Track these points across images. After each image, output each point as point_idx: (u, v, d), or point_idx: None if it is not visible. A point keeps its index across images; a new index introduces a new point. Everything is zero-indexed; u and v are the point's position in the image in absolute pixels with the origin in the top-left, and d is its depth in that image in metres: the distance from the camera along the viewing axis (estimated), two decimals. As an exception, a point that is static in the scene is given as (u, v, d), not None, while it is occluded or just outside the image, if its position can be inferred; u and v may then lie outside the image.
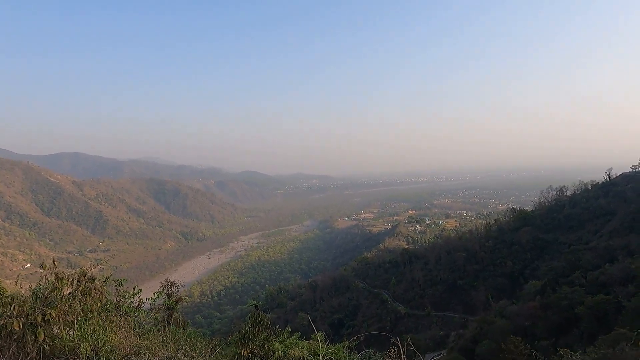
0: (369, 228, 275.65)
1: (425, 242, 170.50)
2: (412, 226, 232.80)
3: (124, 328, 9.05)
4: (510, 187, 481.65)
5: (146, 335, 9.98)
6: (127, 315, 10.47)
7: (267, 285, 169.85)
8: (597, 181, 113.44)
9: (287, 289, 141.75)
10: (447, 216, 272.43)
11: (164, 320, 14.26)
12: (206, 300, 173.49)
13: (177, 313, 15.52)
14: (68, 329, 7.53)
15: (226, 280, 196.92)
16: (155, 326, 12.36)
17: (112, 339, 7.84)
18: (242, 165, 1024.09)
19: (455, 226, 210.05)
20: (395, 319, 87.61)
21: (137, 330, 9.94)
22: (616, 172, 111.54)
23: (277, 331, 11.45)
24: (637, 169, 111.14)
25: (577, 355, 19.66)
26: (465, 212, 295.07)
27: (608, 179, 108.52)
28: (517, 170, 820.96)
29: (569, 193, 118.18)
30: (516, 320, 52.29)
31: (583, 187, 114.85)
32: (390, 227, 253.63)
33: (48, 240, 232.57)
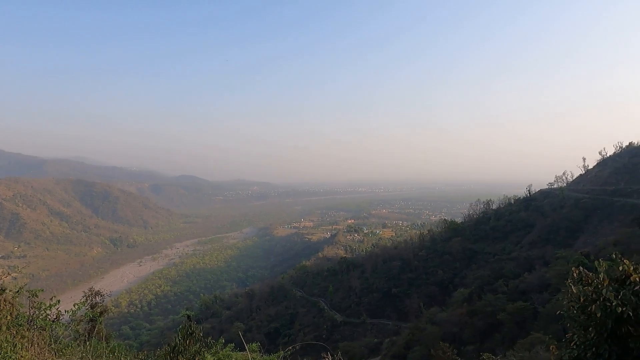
0: (309, 236, 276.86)
1: (362, 251, 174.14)
2: (350, 235, 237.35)
3: (38, 343, 8.26)
4: (443, 200, 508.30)
5: (63, 350, 9.20)
6: (42, 330, 9.56)
7: (202, 294, 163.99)
8: (519, 196, 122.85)
9: (223, 297, 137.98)
10: (384, 226, 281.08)
11: (85, 333, 13.23)
12: (135, 310, 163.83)
13: (100, 325, 14.49)
14: (-31, 346, 6.73)
15: (158, 289, 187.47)
16: (75, 340, 11.43)
17: (22, 356, 7.11)
18: (180, 169, 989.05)
19: (392, 236, 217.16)
20: (332, 327, 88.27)
21: (53, 345, 9.11)
22: (535, 188, 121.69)
23: (210, 343, 11.03)
24: (552, 186, 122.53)
25: (498, 359, 21.03)
26: (401, 222, 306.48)
27: (528, 194, 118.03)
28: (449, 184, 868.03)
29: (494, 206, 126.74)
30: (445, 327, 54.86)
31: (507, 201, 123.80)
32: (330, 235, 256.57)
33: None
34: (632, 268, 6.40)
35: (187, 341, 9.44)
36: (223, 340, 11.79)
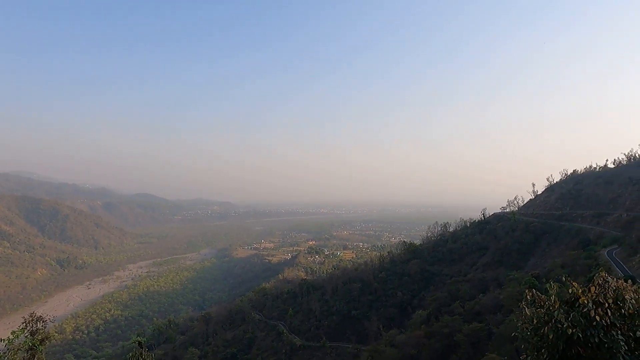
0: (269, 258, 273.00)
1: (323, 272, 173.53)
2: (311, 257, 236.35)
3: (-34, 377, 7.52)
4: (402, 221, 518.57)
5: (-4, 384, 8.41)
6: (-27, 361, 8.74)
7: (155, 319, 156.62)
8: (474, 219, 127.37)
9: (178, 322, 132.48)
10: (345, 247, 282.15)
11: (22, 363, 12.27)
12: (81, 336, 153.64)
13: (40, 354, 13.46)
14: None
15: (107, 314, 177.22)
16: (11, 372, 10.53)
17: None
18: (137, 187, 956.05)
19: (352, 257, 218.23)
20: (291, 351, 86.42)
21: (-16, 378, 8.31)
22: (490, 211, 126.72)
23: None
24: (505, 210, 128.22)
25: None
26: (361, 243, 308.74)
27: (483, 218, 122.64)
28: (409, 206, 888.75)
29: (451, 229, 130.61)
30: (404, 349, 55.12)
31: (463, 224, 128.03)
32: (290, 257, 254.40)
33: None
34: (580, 290, 6.71)
35: (137, 370, 8.92)
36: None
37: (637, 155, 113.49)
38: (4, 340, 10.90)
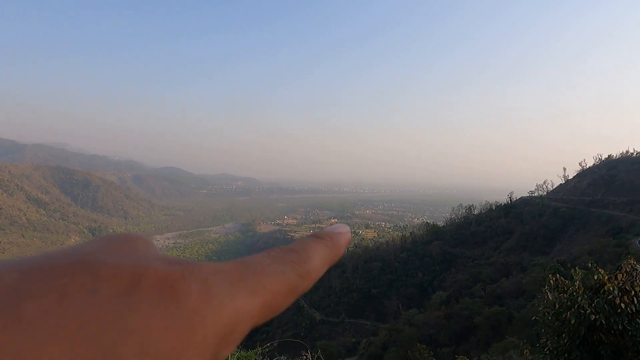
0: (292, 234, 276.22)
1: (344, 250, 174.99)
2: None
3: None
4: (425, 203, 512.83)
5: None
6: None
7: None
8: (500, 202, 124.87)
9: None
10: (367, 226, 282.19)
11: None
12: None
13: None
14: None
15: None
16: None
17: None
18: (164, 160, 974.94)
19: (374, 236, 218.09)
20: (311, 325, 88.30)
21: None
22: (516, 195, 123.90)
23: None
24: (533, 194, 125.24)
25: (472, 361, 21.41)
26: (384, 223, 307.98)
27: (509, 201, 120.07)
28: (433, 187, 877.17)
29: (476, 212, 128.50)
30: (422, 329, 55.46)
31: (488, 207, 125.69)
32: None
33: None
34: (606, 277, 6.56)
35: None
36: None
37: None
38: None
